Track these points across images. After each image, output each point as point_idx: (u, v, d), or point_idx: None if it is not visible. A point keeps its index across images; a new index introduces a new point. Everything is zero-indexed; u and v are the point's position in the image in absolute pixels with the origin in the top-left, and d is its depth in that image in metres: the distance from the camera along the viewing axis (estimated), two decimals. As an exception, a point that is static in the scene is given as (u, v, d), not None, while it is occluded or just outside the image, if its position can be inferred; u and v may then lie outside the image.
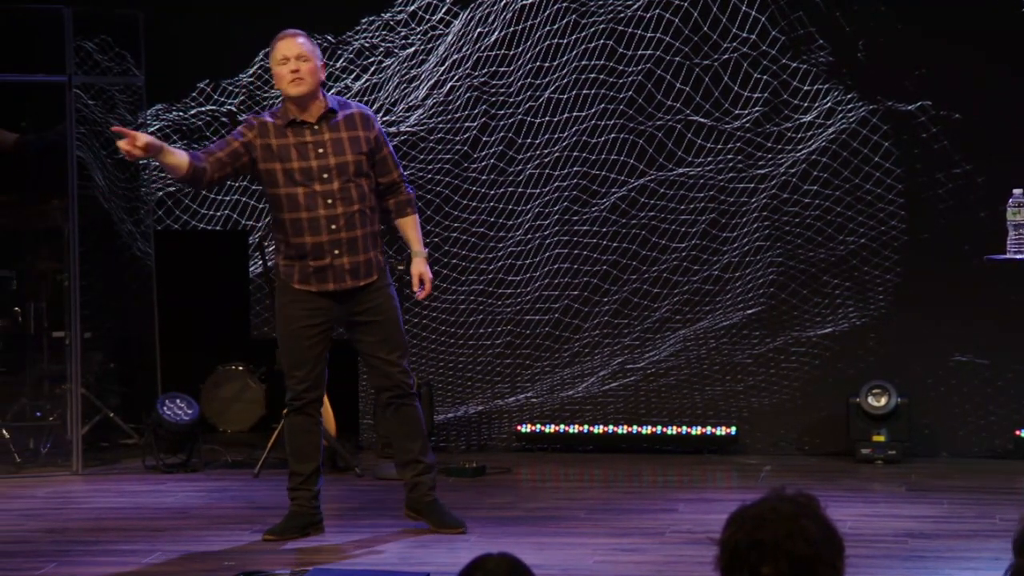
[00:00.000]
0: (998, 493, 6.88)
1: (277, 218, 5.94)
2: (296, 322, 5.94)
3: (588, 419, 8.08)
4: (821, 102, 7.81)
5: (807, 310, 7.91)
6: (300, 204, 5.88)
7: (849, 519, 6.19)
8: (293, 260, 5.94)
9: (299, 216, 5.89)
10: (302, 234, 5.90)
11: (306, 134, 5.92)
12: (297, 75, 5.89)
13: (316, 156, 5.90)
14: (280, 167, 5.88)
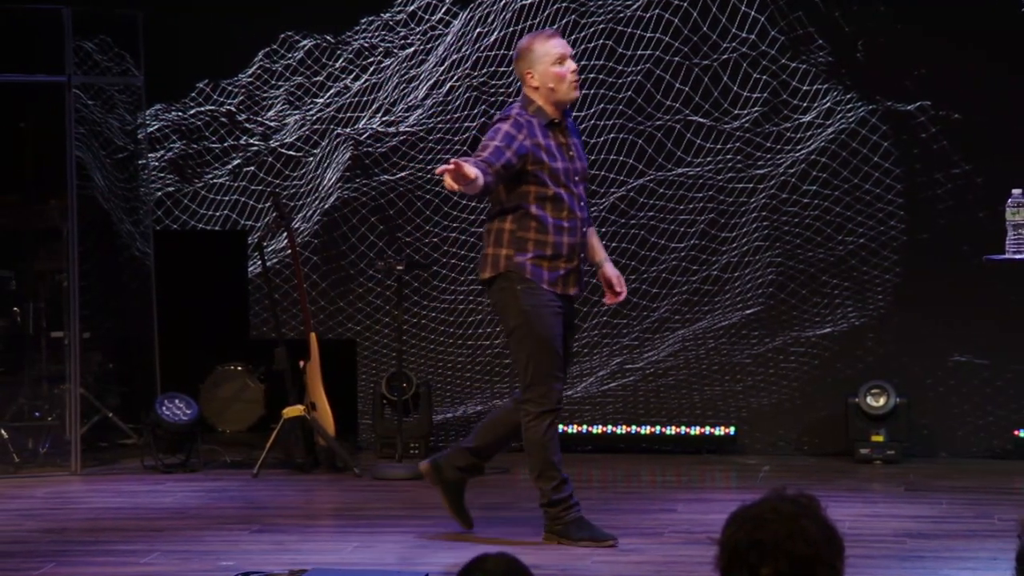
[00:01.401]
0: (997, 493, 6.88)
1: (536, 215, 5.77)
2: (554, 327, 5.78)
3: (587, 419, 8.08)
4: (820, 102, 7.82)
5: (806, 310, 7.91)
6: (564, 205, 5.81)
7: (848, 519, 6.19)
8: (543, 260, 5.80)
9: (561, 216, 5.81)
10: (562, 234, 5.80)
11: (559, 136, 5.89)
12: (577, 78, 5.90)
13: (569, 159, 5.88)
14: (549, 166, 5.81)
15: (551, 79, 5.80)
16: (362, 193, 8.23)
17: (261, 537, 6.14)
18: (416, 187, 8.18)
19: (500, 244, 5.82)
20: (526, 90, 5.87)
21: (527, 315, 5.78)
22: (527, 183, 5.77)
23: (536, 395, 5.80)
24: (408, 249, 8.15)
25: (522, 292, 5.79)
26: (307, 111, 8.26)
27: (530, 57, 5.85)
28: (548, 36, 5.91)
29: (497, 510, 6.67)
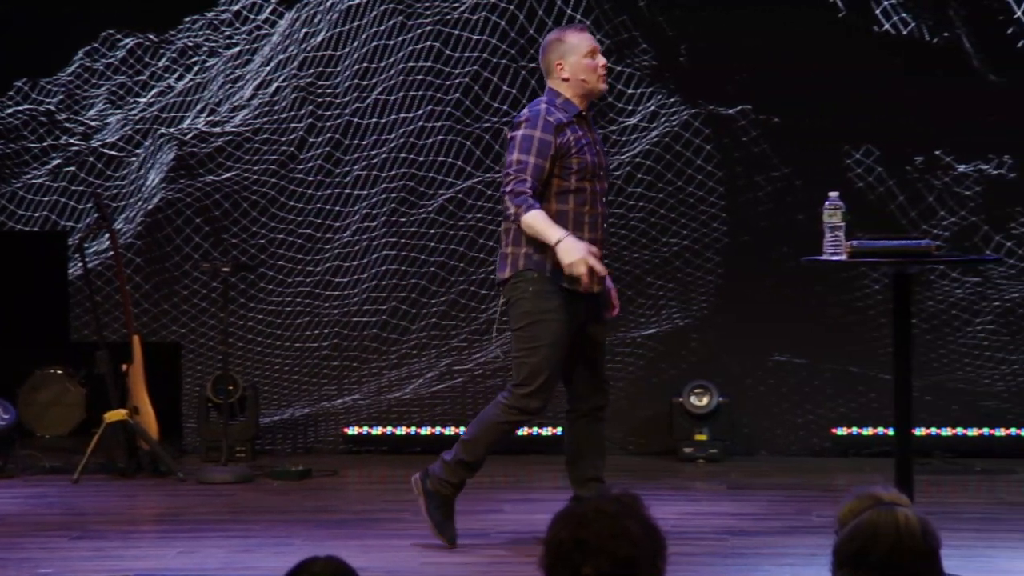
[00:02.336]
0: (815, 490, 7.02)
1: (557, 210, 5.66)
2: (560, 336, 5.67)
3: (416, 421, 8.07)
4: (645, 105, 7.91)
5: (631, 311, 8.00)
6: (587, 199, 5.73)
7: (672, 517, 6.27)
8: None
9: (583, 211, 5.72)
10: (582, 229, 5.70)
11: (586, 130, 5.81)
12: (607, 70, 5.83)
13: (596, 153, 5.81)
14: (577, 160, 5.71)
15: (582, 71, 5.75)
16: (187, 194, 8.12)
17: (81, 544, 6.02)
18: (242, 188, 8.09)
19: (519, 243, 5.72)
20: (553, 83, 5.80)
21: (534, 319, 5.69)
22: (552, 178, 5.69)
23: (519, 394, 5.73)
24: (234, 251, 8.06)
25: (534, 294, 5.70)
26: (129, 111, 8.12)
27: (561, 48, 5.79)
28: (579, 29, 5.88)
29: (325, 513, 6.63)
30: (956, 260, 7.32)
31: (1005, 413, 7.76)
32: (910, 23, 7.70)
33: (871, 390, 7.80)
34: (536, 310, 5.68)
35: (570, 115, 5.73)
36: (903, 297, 5.53)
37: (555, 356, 5.69)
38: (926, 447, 7.58)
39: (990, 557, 5.66)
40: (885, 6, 7.72)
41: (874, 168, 7.80)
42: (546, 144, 5.64)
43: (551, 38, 5.86)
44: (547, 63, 5.82)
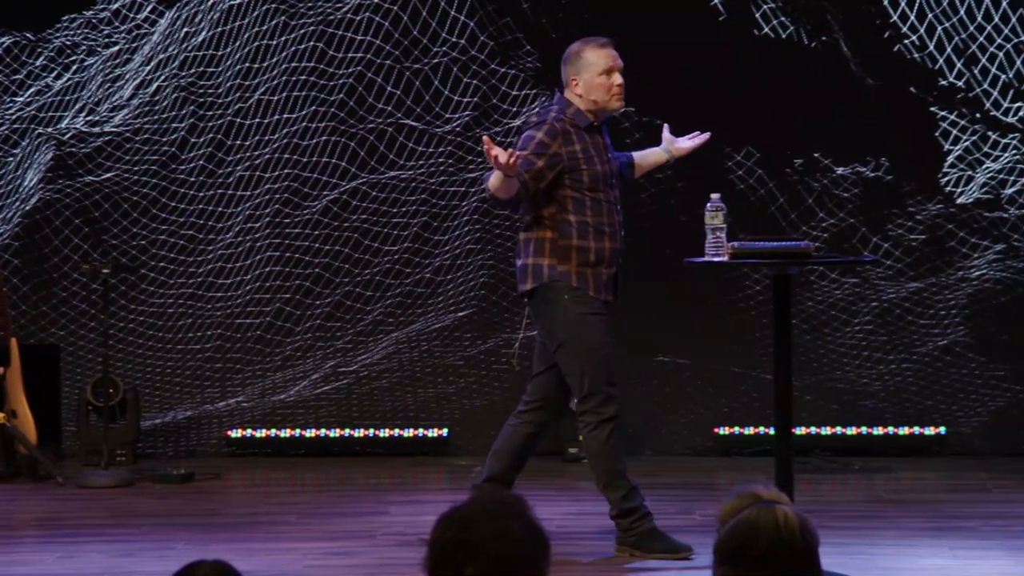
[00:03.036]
0: (698, 489, 7.09)
1: (577, 221, 5.65)
2: (604, 334, 5.65)
3: (300, 423, 8.02)
4: (530, 107, 7.94)
5: (517, 312, 8.02)
6: (603, 208, 5.70)
7: (556, 518, 6.30)
8: (587, 267, 5.67)
9: (602, 220, 5.68)
10: (603, 239, 5.68)
11: (597, 138, 5.76)
12: (623, 91, 5.76)
13: (606, 162, 5.76)
14: (587, 170, 5.67)
15: (595, 90, 5.73)
16: (66, 195, 8.00)
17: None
18: (122, 188, 7.99)
19: (541, 254, 5.69)
20: (568, 94, 5.78)
21: (576, 325, 5.64)
22: (564, 188, 5.65)
23: (594, 405, 5.67)
24: (114, 252, 7.96)
25: (570, 301, 5.65)
26: (6, 110, 7.98)
27: (578, 64, 5.76)
28: (600, 45, 5.82)
29: (208, 516, 6.57)
30: (835, 261, 7.43)
31: (883, 412, 7.89)
32: (789, 27, 7.80)
33: (753, 390, 7.89)
34: (576, 317, 5.64)
35: (582, 125, 5.72)
36: (783, 298, 5.60)
37: (606, 355, 5.67)
38: (806, 446, 7.68)
39: (869, 555, 5.75)
40: (765, 10, 7.81)
41: (755, 170, 7.89)
42: (544, 145, 5.62)
43: (572, 50, 5.83)
44: (564, 75, 5.81)
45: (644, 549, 5.69)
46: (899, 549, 5.81)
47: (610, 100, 5.74)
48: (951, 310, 7.83)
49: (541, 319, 5.74)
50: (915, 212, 7.84)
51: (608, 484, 5.71)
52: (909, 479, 7.36)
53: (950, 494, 6.99)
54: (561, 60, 5.87)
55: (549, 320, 5.69)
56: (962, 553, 5.74)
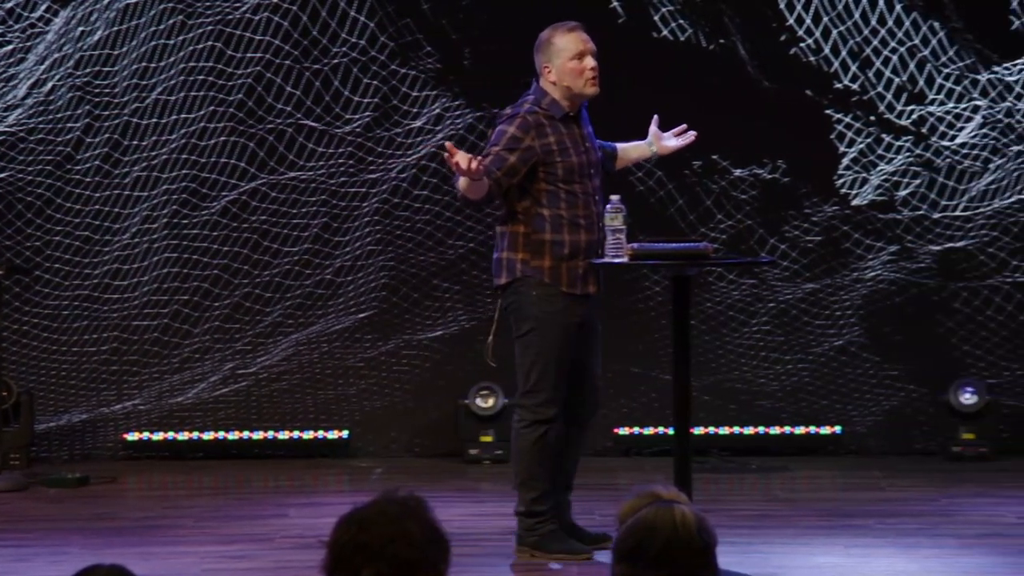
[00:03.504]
0: (598, 490, 7.12)
1: (550, 215, 5.60)
2: (565, 337, 5.60)
3: (198, 425, 7.95)
4: (430, 108, 7.93)
5: (418, 313, 8.01)
6: (578, 200, 5.63)
7: (457, 519, 6.30)
8: (561, 261, 5.61)
9: (577, 212, 5.62)
10: (578, 232, 5.62)
11: (574, 128, 5.68)
12: (597, 74, 5.66)
13: (584, 151, 5.69)
14: (562, 162, 5.60)
15: (568, 75, 5.66)
16: (-42, 195, 7.87)
17: None
18: (16, 189, 7.88)
19: (515, 248, 5.64)
20: (542, 83, 5.71)
21: (540, 322, 5.62)
22: (538, 182, 5.60)
23: (533, 403, 5.66)
24: (8, 253, 7.84)
25: (538, 298, 5.62)
26: None
27: (549, 51, 5.70)
28: (569, 29, 5.75)
29: (103, 520, 6.49)
30: (733, 262, 7.50)
31: (779, 412, 7.98)
32: (687, 30, 7.86)
33: (652, 390, 7.94)
34: (541, 314, 5.63)
35: (555, 116, 5.67)
36: (682, 299, 5.64)
37: (563, 360, 5.65)
38: (704, 446, 7.75)
39: (765, 554, 5.80)
40: (663, 12, 7.87)
41: (654, 172, 7.94)
42: (515, 140, 5.57)
43: (541, 38, 5.78)
44: (537, 64, 5.76)
45: (544, 549, 5.70)
46: (794, 548, 5.87)
47: (584, 85, 5.70)
48: (846, 311, 7.93)
49: (510, 311, 5.74)
50: (811, 214, 7.93)
51: (524, 483, 5.72)
52: (805, 478, 7.45)
53: (845, 492, 7.08)
54: (532, 49, 5.82)
55: (517, 312, 5.68)
56: (856, 551, 5.81)
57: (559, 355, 5.64)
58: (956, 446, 7.70)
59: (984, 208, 7.88)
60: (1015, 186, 7.87)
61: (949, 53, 7.82)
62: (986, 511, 6.52)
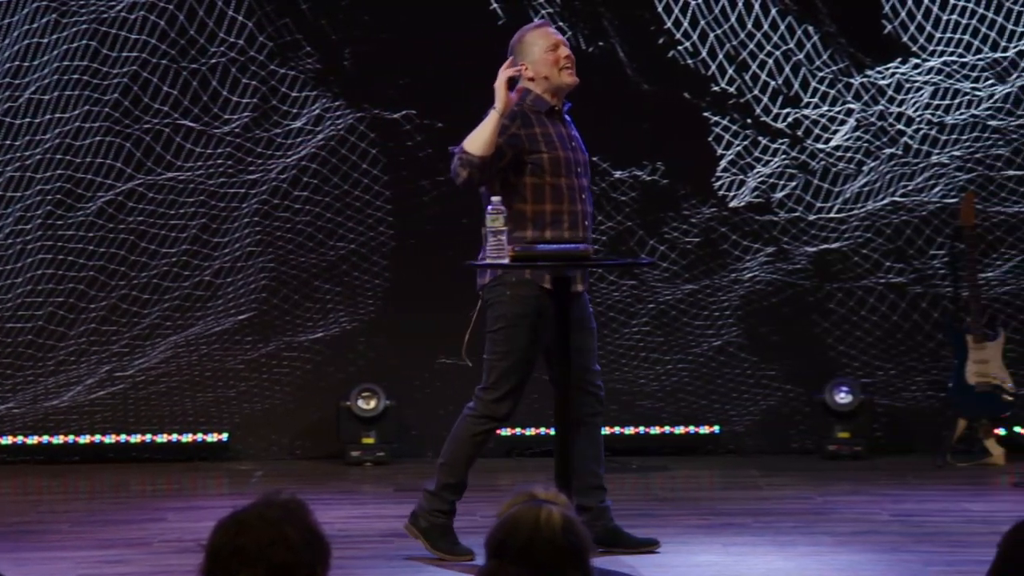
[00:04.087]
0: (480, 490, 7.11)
1: (533, 211, 5.59)
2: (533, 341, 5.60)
3: (74, 429, 7.84)
4: (310, 108, 7.90)
5: (299, 315, 7.97)
6: (564, 196, 5.60)
7: (338, 521, 6.28)
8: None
9: (561, 208, 5.60)
10: (561, 228, 5.60)
11: (560, 126, 5.63)
12: (572, 64, 5.66)
13: (571, 149, 5.65)
14: (548, 154, 5.56)
15: (544, 66, 5.67)
16: None
17: None
18: None
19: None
20: (522, 83, 5.70)
21: (509, 323, 5.62)
22: (523, 175, 5.59)
23: (488, 398, 5.67)
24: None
25: (511, 298, 5.61)
26: None
27: (523, 49, 5.71)
28: (537, 26, 5.79)
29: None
30: (613, 264, 7.56)
31: (659, 412, 8.05)
32: (566, 32, 7.90)
33: (534, 391, 7.93)
34: (512, 314, 5.63)
35: (540, 111, 5.67)
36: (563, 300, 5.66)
37: (526, 362, 5.65)
38: (586, 445, 7.78)
39: (645, 553, 5.85)
40: (543, 14, 7.90)
41: (535, 173, 7.96)
42: (503, 127, 5.56)
43: (513, 40, 5.81)
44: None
45: (430, 541, 5.72)
46: (674, 547, 5.92)
47: (560, 74, 5.71)
48: (724, 311, 8.02)
49: (487, 307, 5.75)
50: (690, 215, 8.01)
51: (447, 464, 5.76)
52: (684, 477, 7.52)
53: (723, 491, 7.16)
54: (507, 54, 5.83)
55: (492, 308, 5.70)
56: (734, 549, 5.88)
57: (523, 357, 5.67)
58: (831, 445, 7.83)
59: (858, 210, 8.02)
60: (888, 188, 8.01)
61: (823, 57, 7.95)
62: (860, 509, 6.62)
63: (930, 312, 7.98)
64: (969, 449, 7.74)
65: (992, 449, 7.66)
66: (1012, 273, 7.95)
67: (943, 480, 7.29)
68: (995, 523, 6.23)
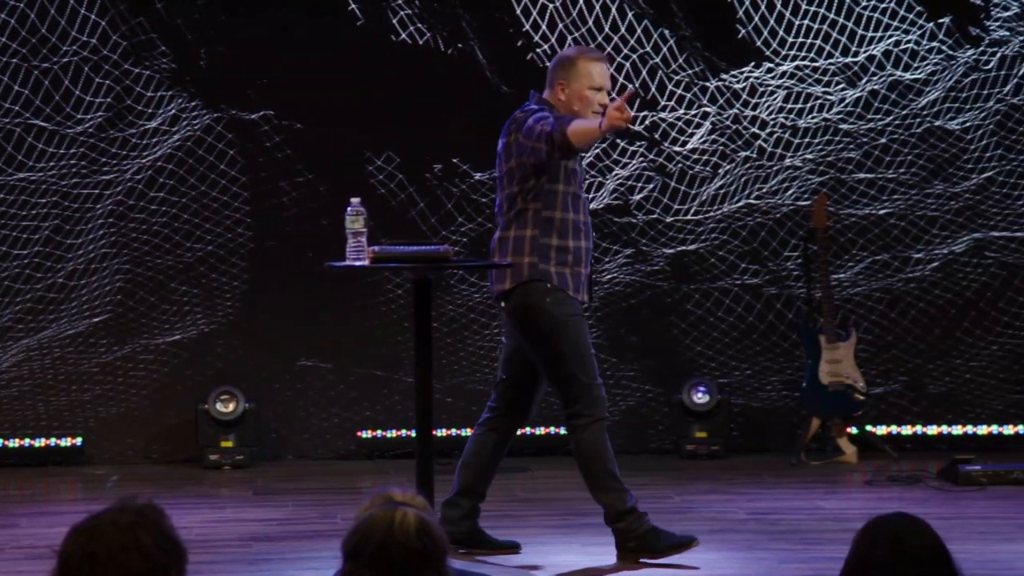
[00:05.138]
0: (341, 493, 7.11)
1: (561, 218, 5.58)
2: (586, 333, 5.64)
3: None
4: (166, 108, 7.80)
5: (155, 317, 7.88)
6: (580, 206, 5.64)
7: (195, 526, 6.21)
8: (566, 267, 5.59)
9: (579, 218, 5.63)
10: (580, 238, 5.62)
11: None
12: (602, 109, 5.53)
13: (579, 160, 5.63)
14: (572, 167, 5.59)
15: (580, 101, 5.64)
16: None
17: None
18: None
19: (521, 252, 5.58)
20: (549, 96, 5.67)
21: (560, 324, 5.54)
22: (556, 182, 5.56)
23: (584, 405, 5.56)
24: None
25: (551, 303, 5.57)
26: None
27: (571, 71, 5.66)
28: (597, 59, 5.75)
29: None
30: (474, 265, 7.58)
31: (520, 412, 8.07)
32: (426, 33, 7.90)
33: (395, 393, 7.96)
34: (560, 316, 5.58)
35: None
36: (423, 301, 5.66)
37: (591, 355, 5.63)
38: (448, 448, 7.80)
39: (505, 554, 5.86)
40: (402, 16, 7.89)
41: (395, 175, 7.96)
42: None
43: (568, 55, 5.76)
44: (552, 78, 5.73)
45: (651, 550, 5.61)
46: (533, 547, 5.95)
47: (588, 116, 5.66)
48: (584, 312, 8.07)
49: (520, 321, 5.65)
50: (550, 217, 8.05)
51: (603, 487, 5.65)
52: (544, 478, 7.56)
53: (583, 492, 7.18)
54: (553, 61, 5.81)
55: (530, 323, 5.61)
56: (593, 549, 5.91)
57: (586, 352, 5.64)
58: (689, 444, 7.92)
59: (714, 212, 8.12)
60: (743, 191, 8.13)
61: (679, 60, 8.04)
62: (717, 508, 6.71)
63: (784, 313, 8.12)
64: (822, 448, 7.89)
65: (844, 448, 7.81)
66: (863, 274, 8.12)
67: (797, 478, 7.42)
68: (847, 520, 6.35)
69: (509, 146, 5.63)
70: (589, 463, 5.66)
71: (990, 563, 5.54)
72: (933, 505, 6.70)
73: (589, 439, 5.63)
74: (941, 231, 8.08)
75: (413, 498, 2.52)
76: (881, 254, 8.08)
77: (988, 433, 8.06)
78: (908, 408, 8.10)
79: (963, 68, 8.02)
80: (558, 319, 5.59)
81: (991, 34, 8.02)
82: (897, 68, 8.02)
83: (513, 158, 5.61)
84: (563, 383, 5.64)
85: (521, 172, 5.59)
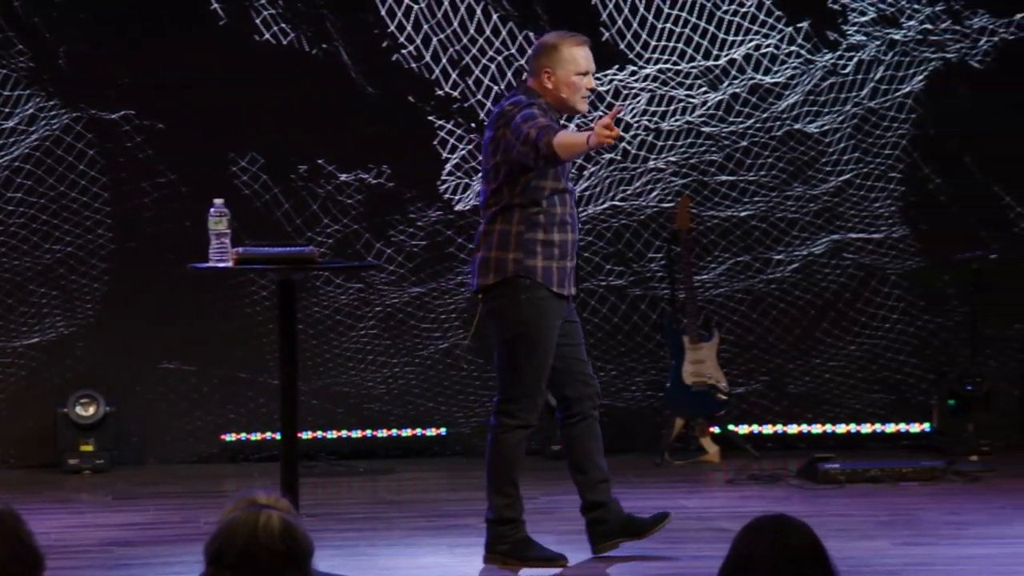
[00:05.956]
0: (203, 497, 7.04)
1: (546, 212, 5.53)
2: (552, 342, 5.55)
3: None
4: (23, 108, 7.67)
5: (12, 320, 7.74)
6: (567, 199, 5.61)
7: (54, 531, 6.12)
8: (552, 261, 5.54)
9: (566, 211, 5.59)
10: (566, 231, 5.58)
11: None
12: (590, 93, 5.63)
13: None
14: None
15: (567, 88, 5.58)
16: None
17: None
18: None
19: (506, 247, 5.48)
20: (535, 84, 5.55)
21: (528, 327, 5.48)
22: (543, 177, 5.49)
23: (518, 408, 5.53)
24: None
25: (526, 302, 5.51)
26: None
27: (555, 56, 5.58)
28: (579, 43, 5.66)
29: None
30: (339, 267, 7.55)
31: (387, 415, 8.06)
32: (290, 33, 7.85)
33: (260, 395, 7.90)
34: (531, 319, 5.51)
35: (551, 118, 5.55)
36: (288, 303, 5.63)
37: (547, 366, 5.57)
38: (312, 450, 7.76)
39: (371, 555, 5.86)
40: (265, 16, 7.83)
41: (260, 176, 7.90)
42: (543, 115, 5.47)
43: (548, 42, 5.65)
44: (534, 65, 5.62)
45: (517, 557, 5.63)
46: (400, 549, 5.95)
47: (577, 101, 5.65)
48: (451, 314, 8.08)
49: (493, 313, 5.59)
50: (416, 219, 8.05)
51: (498, 490, 5.65)
52: (411, 479, 7.55)
53: (450, 493, 7.21)
54: (534, 47, 5.73)
55: (501, 315, 5.56)
56: (460, 551, 5.93)
57: (545, 361, 5.59)
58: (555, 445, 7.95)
59: (579, 214, 8.17)
60: (607, 192, 8.19)
61: (545, 63, 8.07)
62: (583, 506, 6.74)
63: (649, 314, 8.19)
64: (686, 447, 7.97)
65: (707, 447, 7.91)
66: (725, 275, 8.22)
67: (662, 477, 7.49)
68: (710, 519, 6.44)
69: (497, 140, 5.55)
70: (498, 464, 5.69)
71: (848, 559, 5.63)
72: (793, 503, 6.80)
73: (510, 442, 5.64)
74: (801, 233, 8.22)
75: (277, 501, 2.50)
76: (743, 255, 8.20)
77: (847, 432, 8.21)
78: (769, 408, 8.23)
79: (821, 72, 8.16)
80: (529, 319, 5.56)
81: (848, 38, 8.17)
82: (758, 72, 8.14)
83: (500, 153, 5.53)
84: (511, 379, 5.62)
85: (507, 167, 5.54)
